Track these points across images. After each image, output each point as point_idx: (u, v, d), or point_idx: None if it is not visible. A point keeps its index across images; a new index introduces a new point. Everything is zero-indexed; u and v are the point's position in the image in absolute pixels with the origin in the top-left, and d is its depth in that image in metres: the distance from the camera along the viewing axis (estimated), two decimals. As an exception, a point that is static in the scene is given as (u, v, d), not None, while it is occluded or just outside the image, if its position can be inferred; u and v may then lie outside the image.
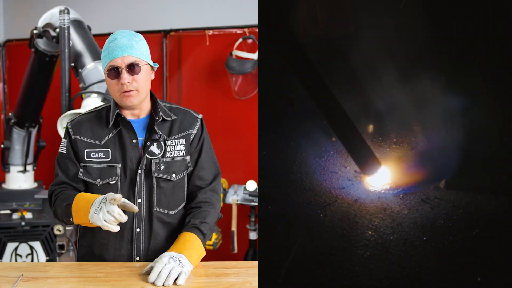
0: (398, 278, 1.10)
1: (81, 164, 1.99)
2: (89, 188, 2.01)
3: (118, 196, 1.77)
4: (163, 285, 1.72)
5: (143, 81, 1.93)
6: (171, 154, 2.00)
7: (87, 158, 1.98)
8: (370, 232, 1.13)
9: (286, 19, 1.14)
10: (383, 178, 1.31)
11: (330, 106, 1.17)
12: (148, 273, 1.78)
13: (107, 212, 1.79)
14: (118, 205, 1.79)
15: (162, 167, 1.98)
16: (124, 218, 1.79)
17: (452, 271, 1.09)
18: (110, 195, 1.79)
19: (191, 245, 1.89)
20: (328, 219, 1.14)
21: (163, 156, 1.99)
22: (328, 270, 1.12)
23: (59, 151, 2.03)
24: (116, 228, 1.79)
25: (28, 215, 3.68)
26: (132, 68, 1.90)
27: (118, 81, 1.91)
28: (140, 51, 1.92)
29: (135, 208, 1.79)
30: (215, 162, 2.12)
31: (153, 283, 1.72)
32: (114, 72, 1.91)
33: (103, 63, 1.95)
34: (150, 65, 1.97)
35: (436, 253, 1.09)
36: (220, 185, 2.12)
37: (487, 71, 1.08)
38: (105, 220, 1.79)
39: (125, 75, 1.89)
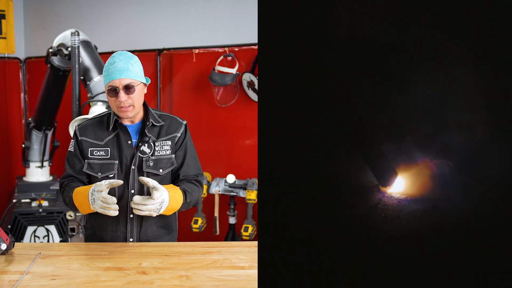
0: (443, 281, 1.01)
1: (85, 160, 2.06)
2: (91, 180, 2.09)
3: (103, 185, 1.85)
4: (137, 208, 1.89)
5: (137, 97, 1.99)
6: (159, 153, 2.05)
7: (90, 155, 2.05)
8: (415, 234, 1.02)
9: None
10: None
11: (347, 117, 1.05)
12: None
13: (98, 200, 1.87)
14: (106, 187, 1.86)
15: (151, 164, 2.04)
16: (112, 199, 1.86)
17: (497, 276, 0.98)
18: (97, 187, 1.87)
19: (175, 199, 1.96)
20: (372, 221, 1.03)
21: (152, 155, 2.05)
22: (372, 274, 1.04)
23: (68, 149, 2.12)
24: (114, 213, 1.87)
25: (45, 203, 3.85)
26: (128, 88, 1.95)
27: (116, 99, 1.96)
28: (135, 73, 1.97)
29: (120, 182, 1.89)
30: (197, 162, 2.18)
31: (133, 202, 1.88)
32: (113, 92, 1.96)
33: (104, 82, 2.00)
34: (143, 83, 2.04)
35: (481, 256, 0.99)
36: (202, 180, 2.18)
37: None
38: (101, 207, 1.87)
39: (122, 95, 1.95)
